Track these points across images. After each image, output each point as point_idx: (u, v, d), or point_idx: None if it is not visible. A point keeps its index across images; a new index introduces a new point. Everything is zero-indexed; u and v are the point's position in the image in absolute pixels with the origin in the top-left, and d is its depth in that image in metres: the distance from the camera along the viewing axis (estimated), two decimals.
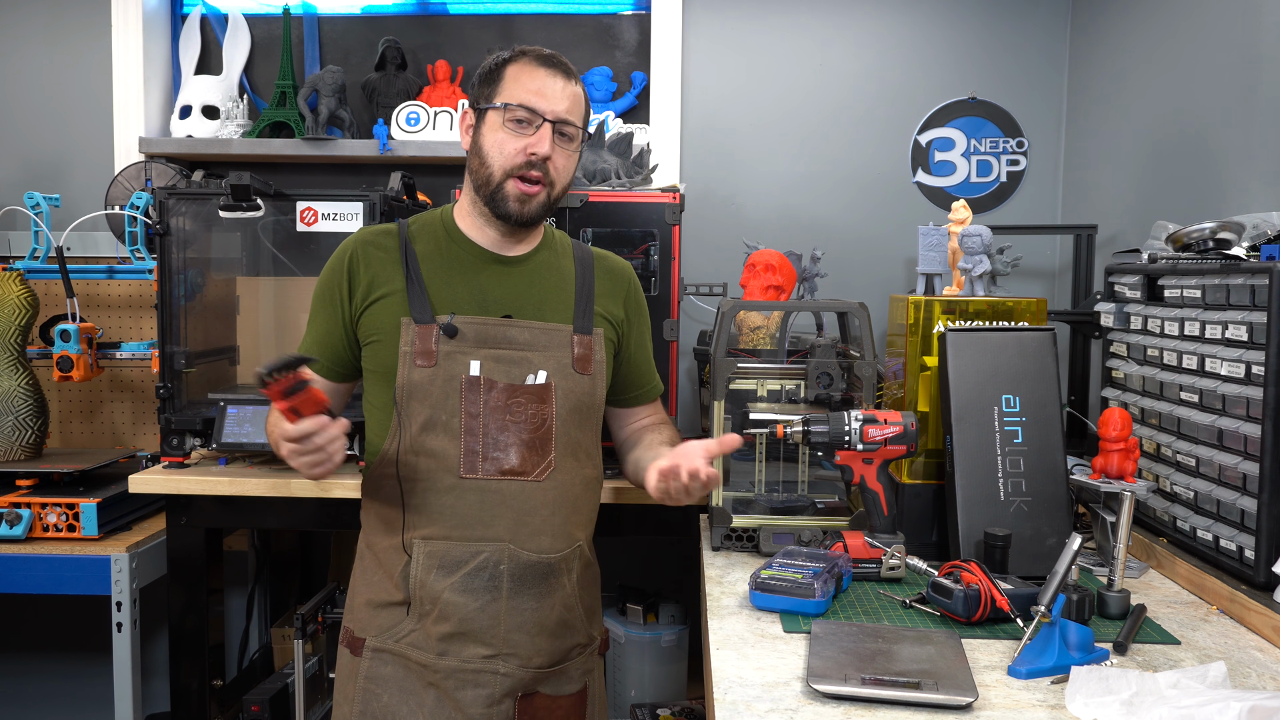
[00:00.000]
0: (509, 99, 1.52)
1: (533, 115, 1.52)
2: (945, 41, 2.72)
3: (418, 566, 1.50)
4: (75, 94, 2.82)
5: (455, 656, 1.49)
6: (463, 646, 1.49)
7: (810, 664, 1.20)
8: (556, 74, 1.55)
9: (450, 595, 1.49)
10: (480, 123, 1.56)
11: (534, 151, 1.51)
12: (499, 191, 1.53)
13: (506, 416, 1.51)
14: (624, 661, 2.45)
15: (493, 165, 1.53)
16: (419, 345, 1.51)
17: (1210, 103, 1.98)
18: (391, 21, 2.89)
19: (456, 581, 1.49)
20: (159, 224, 2.21)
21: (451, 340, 1.51)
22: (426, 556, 1.50)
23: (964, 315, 1.81)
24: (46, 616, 2.90)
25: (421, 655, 1.50)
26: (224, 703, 2.42)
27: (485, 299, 1.57)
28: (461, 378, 1.50)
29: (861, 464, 1.61)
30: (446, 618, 1.49)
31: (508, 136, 1.52)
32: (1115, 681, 1.10)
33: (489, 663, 1.50)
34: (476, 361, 1.51)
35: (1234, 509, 1.49)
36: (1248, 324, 1.45)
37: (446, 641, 1.49)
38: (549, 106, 1.52)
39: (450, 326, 1.51)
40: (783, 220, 2.75)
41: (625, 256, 2.22)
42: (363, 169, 2.79)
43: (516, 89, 1.53)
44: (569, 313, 1.59)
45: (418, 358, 1.50)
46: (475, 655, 1.49)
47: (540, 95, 1.52)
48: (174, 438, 2.21)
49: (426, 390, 1.50)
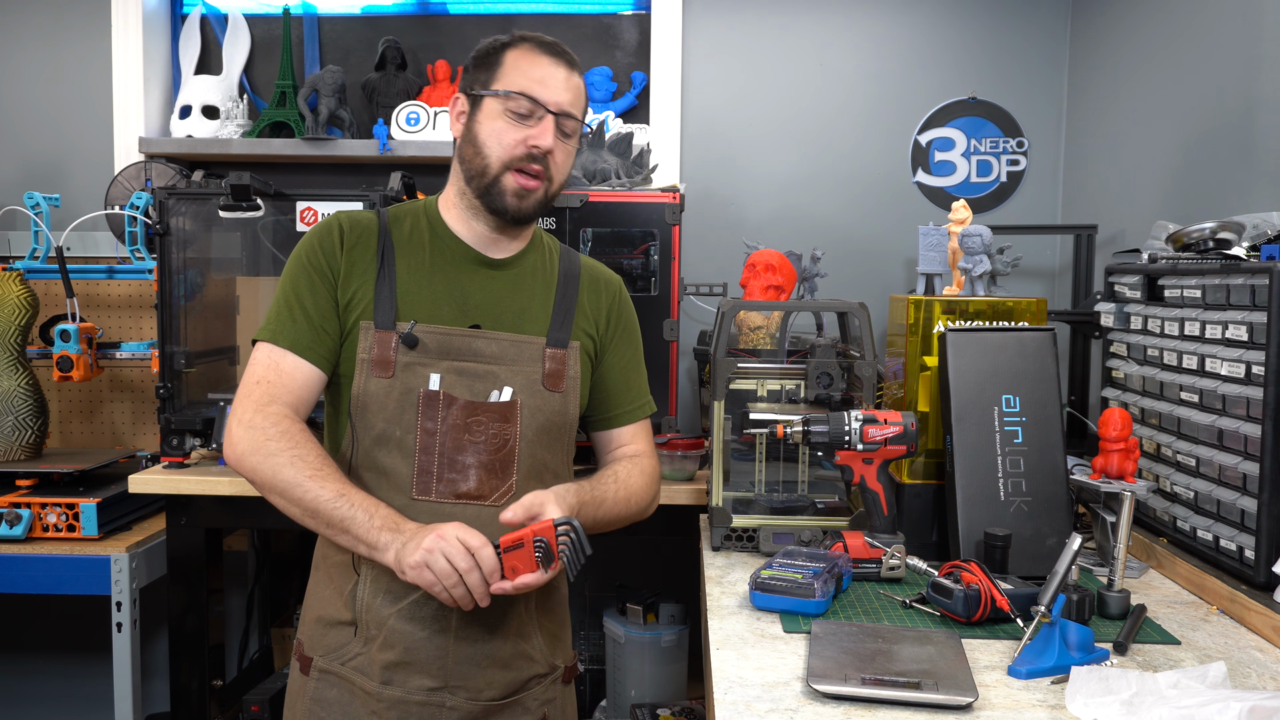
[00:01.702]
0: (510, 86, 1.43)
1: (535, 106, 1.42)
2: (945, 41, 2.72)
3: (365, 589, 1.41)
4: (75, 94, 2.82)
5: (400, 686, 1.40)
6: (408, 677, 1.40)
7: (810, 664, 1.20)
8: (559, 63, 1.46)
9: (396, 622, 1.39)
10: (476, 110, 1.46)
11: (535, 144, 1.42)
12: (495, 185, 1.44)
13: (465, 436, 1.41)
14: (624, 661, 2.45)
15: (490, 156, 1.43)
16: (377, 353, 1.41)
17: (1210, 103, 1.98)
18: (391, 21, 2.89)
19: (404, 608, 1.40)
20: (159, 224, 2.21)
21: (411, 351, 1.41)
22: (374, 579, 1.41)
23: (964, 315, 1.81)
24: (46, 616, 2.90)
25: (366, 682, 1.41)
26: (224, 703, 2.42)
27: (464, 303, 1.47)
28: (420, 391, 1.41)
29: (861, 464, 1.61)
30: (391, 645, 1.40)
31: (507, 126, 1.42)
32: (1115, 681, 1.10)
33: (435, 695, 1.40)
34: (437, 375, 1.41)
35: (1234, 509, 1.49)
36: (1248, 324, 1.45)
37: (391, 670, 1.40)
38: (552, 97, 1.43)
39: (410, 336, 1.41)
40: (783, 220, 2.75)
41: (625, 256, 2.23)
42: (363, 169, 2.79)
43: (518, 76, 1.43)
44: (545, 324, 1.50)
45: (375, 366, 1.41)
46: (420, 687, 1.40)
47: (543, 84, 1.43)
48: (174, 438, 2.21)
49: (382, 403, 1.40)
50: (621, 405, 1.60)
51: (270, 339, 1.42)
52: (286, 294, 1.44)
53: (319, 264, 1.44)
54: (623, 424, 1.60)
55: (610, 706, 2.51)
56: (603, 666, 2.53)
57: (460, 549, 1.26)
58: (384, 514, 1.32)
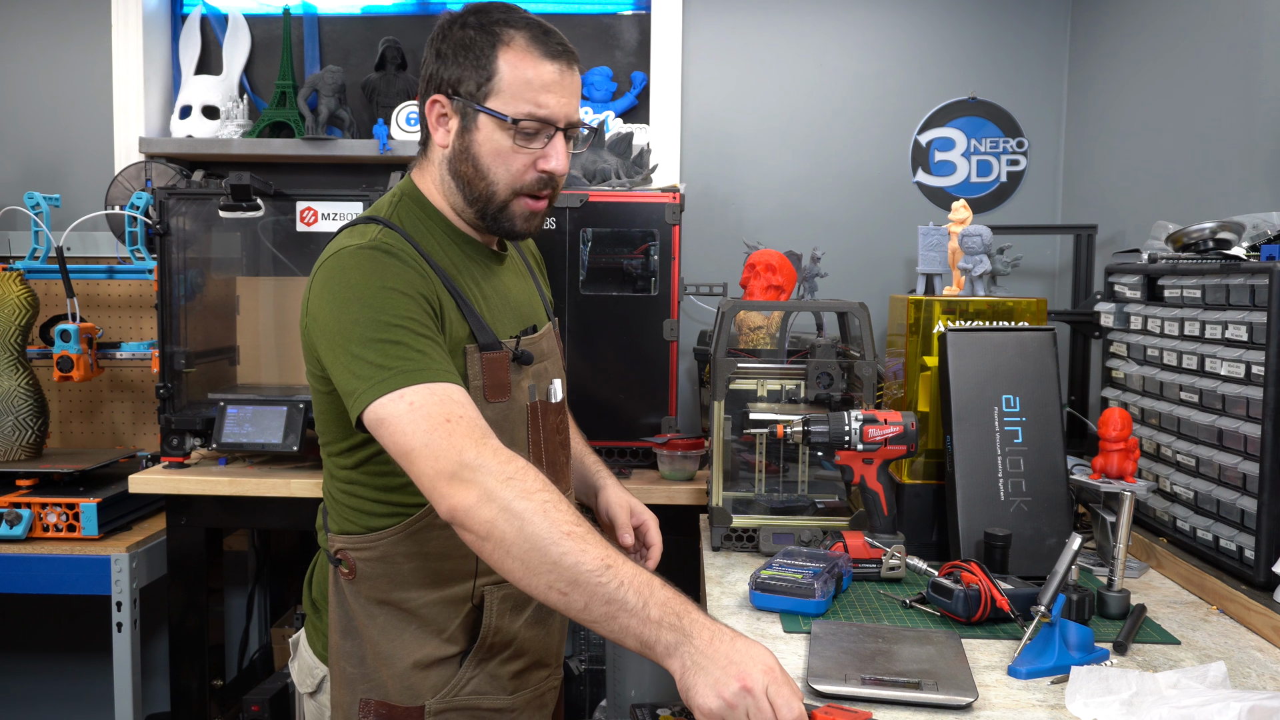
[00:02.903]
0: (515, 108, 1.25)
1: (544, 125, 1.26)
2: (945, 41, 2.72)
3: (492, 614, 1.30)
4: (75, 94, 2.81)
5: (528, 687, 1.38)
6: (532, 675, 1.39)
7: (810, 664, 1.20)
8: (561, 64, 1.27)
9: (525, 632, 1.35)
10: (471, 125, 1.27)
11: (548, 169, 1.28)
12: (503, 211, 1.30)
13: (557, 437, 1.38)
14: (624, 661, 2.45)
15: (496, 183, 1.28)
16: (489, 378, 1.26)
17: (1210, 103, 1.98)
18: (391, 21, 2.89)
19: (529, 616, 1.36)
20: (159, 224, 2.21)
21: (524, 367, 1.30)
22: (501, 601, 1.31)
23: (964, 315, 1.81)
24: (46, 616, 2.90)
25: (493, 700, 1.33)
26: (224, 703, 2.42)
27: (515, 309, 1.37)
28: (526, 407, 1.33)
29: (861, 464, 1.61)
30: (521, 654, 1.36)
31: (514, 150, 1.26)
32: (1115, 681, 1.10)
33: (548, 680, 1.43)
34: (531, 384, 1.33)
35: (1234, 509, 1.49)
36: (1248, 324, 1.45)
37: (519, 677, 1.37)
38: (561, 110, 1.27)
39: (525, 354, 1.30)
40: (783, 220, 2.75)
41: (625, 256, 2.23)
42: (363, 169, 2.79)
43: (523, 90, 1.25)
44: (540, 304, 1.46)
45: (489, 392, 1.27)
46: (541, 679, 1.41)
47: (552, 96, 1.26)
48: (174, 438, 2.21)
49: (500, 428, 1.22)
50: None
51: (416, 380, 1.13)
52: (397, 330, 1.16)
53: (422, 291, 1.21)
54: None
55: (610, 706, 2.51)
56: (603, 666, 2.53)
57: (769, 714, 0.97)
58: (659, 598, 1.04)
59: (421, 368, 1.14)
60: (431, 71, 1.30)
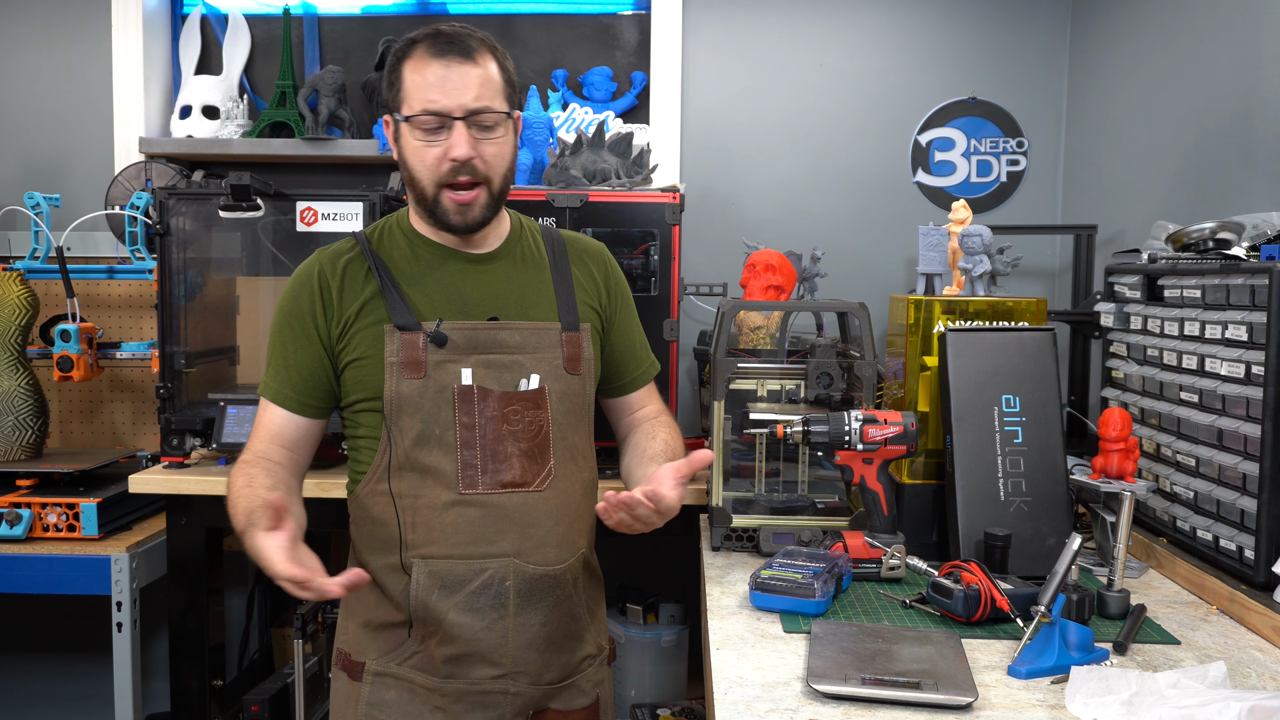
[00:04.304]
0: (412, 108, 1.39)
1: (439, 117, 1.39)
2: (945, 41, 2.72)
3: (418, 587, 1.42)
4: (75, 94, 2.81)
5: (463, 678, 1.43)
6: (470, 667, 1.42)
7: (810, 664, 1.20)
8: (452, 60, 1.38)
9: (455, 616, 1.41)
10: (400, 135, 1.44)
11: (453, 156, 1.39)
12: (437, 205, 1.44)
13: (504, 426, 1.43)
14: (624, 661, 2.45)
15: (421, 179, 1.43)
16: (405, 355, 1.42)
17: (1210, 103, 1.98)
18: (391, 21, 2.89)
19: (460, 601, 1.41)
20: (159, 224, 2.21)
21: (441, 349, 1.42)
22: (428, 576, 1.41)
23: (964, 315, 1.81)
24: (46, 616, 2.90)
25: (426, 679, 1.43)
26: (224, 703, 2.42)
27: (465, 302, 1.48)
28: (453, 388, 1.42)
29: (861, 464, 1.61)
30: (452, 639, 1.42)
31: (423, 145, 1.40)
32: (1115, 681, 1.10)
33: (498, 682, 1.43)
34: (468, 370, 1.43)
35: (1234, 509, 1.49)
36: (1248, 324, 1.45)
37: (453, 664, 1.42)
38: (452, 101, 1.38)
39: (439, 334, 1.42)
40: (783, 220, 2.75)
41: (625, 256, 2.23)
42: (363, 169, 2.79)
43: (415, 91, 1.39)
44: (553, 309, 1.52)
45: (404, 369, 1.42)
46: (484, 676, 1.43)
47: (440, 90, 1.38)
48: (174, 438, 2.21)
49: (417, 403, 1.42)
50: (631, 372, 1.65)
51: (262, 393, 1.51)
52: (272, 349, 1.51)
53: (301, 316, 1.48)
54: (634, 389, 1.65)
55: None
56: None
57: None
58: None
59: (268, 383, 1.49)
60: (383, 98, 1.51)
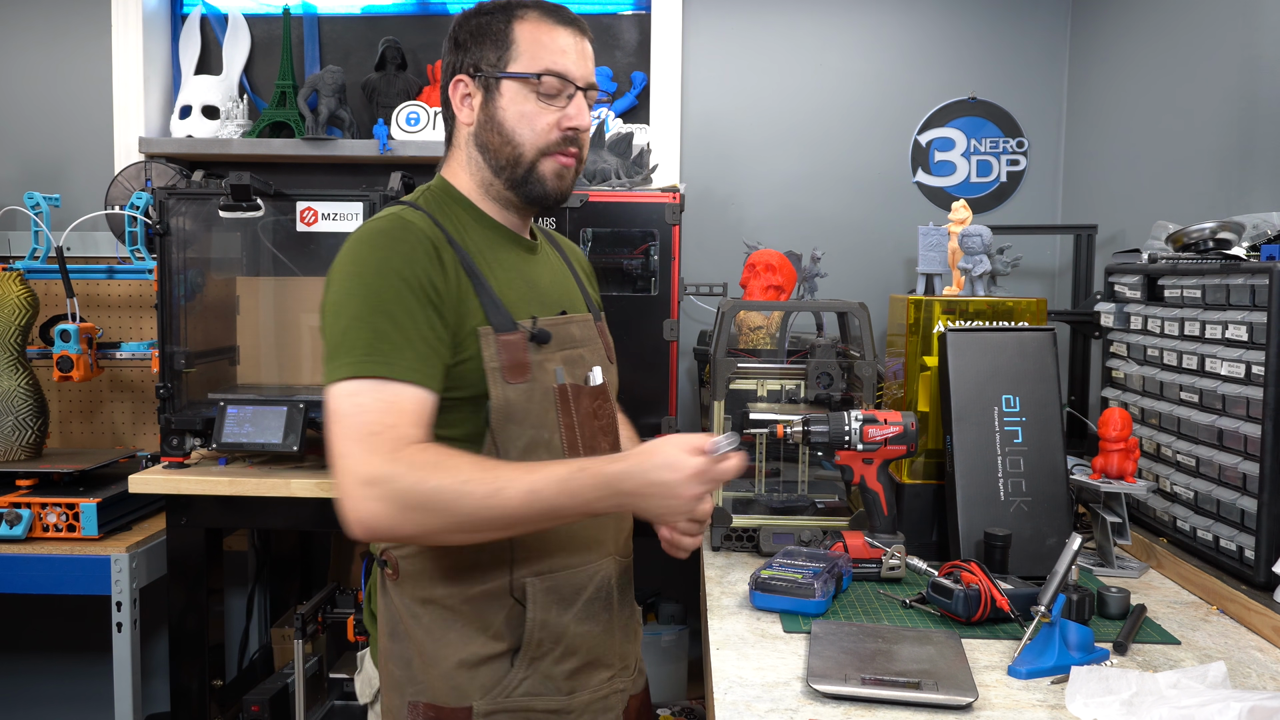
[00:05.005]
0: (534, 66, 1.31)
1: (565, 83, 1.32)
2: (945, 41, 2.72)
3: (536, 606, 1.29)
4: (75, 94, 2.81)
5: (586, 689, 1.34)
6: (591, 675, 1.35)
7: (810, 664, 1.20)
8: (575, 31, 1.35)
9: (575, 627, 1.32)
10: (493, 94, 1.33)
11: (573, 125, 1.33)
12: (533, 173, 1.34)
13: (595, 422, 1.37)
14: None
15: (523, 144, 1.33)
16: (507, 358, 1.27)
17: (1210, 103, 1.98)
18: (391, 21, 2.89)
19: (579, 610, 1.33)
20: (159, 224, 2.21)
21: (542, 348, 1.31)
22: (545, 593, 1.30)
23: (964, 315, 1.81)
24: (46, 616, 2.90)
25: (547, 701, 1.30)
26: (224, 703, 2.42)
27: (539, 293, 1.39)
28: (554, 389, 1.32)
29: (861, 464, 1.61)
30: (573, 652, 1.32)
31: (538, 109, 1.32)
32: (1115, 681, 1.10)
33: (612, 683, 1.38)
34: (560, 368, 1.33)
35: (1234, 509, 1.49)
36: (1248, 324, 1.45)
37: (575, 677, 1.33)
38: (579, 71, 1.33)
39: (543, 333, 1.31)
40: (783, 220, 2.75)
41: (625, 256, 2.23)
42: (363, 169, 2.79)
43: (540, 52, 1.31)
44: (581, 300, 1.49)
45: (508, 373, 1.27)
46: (602, 680, 1.36)
47: (568, 57, 1.33)
48: (174, 438, 2.21)
49: (525, 409, 1.29)
50: None
51: (382, 374, 1.18)
52: (379, 321, 1.19)
53: (423, 283, 1.23)
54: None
55: None
56: None
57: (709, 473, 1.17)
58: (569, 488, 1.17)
59: (389, 361, 1.18)
60: (451, 61, 1.38)
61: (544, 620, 1.29)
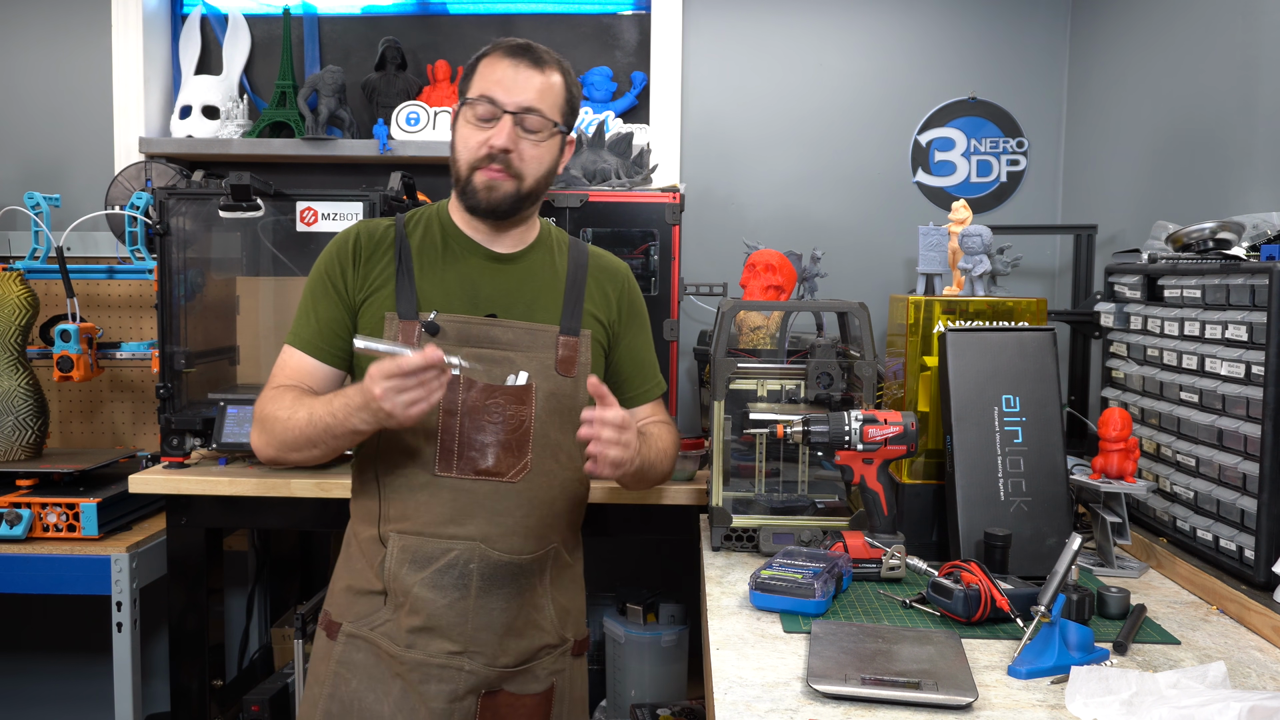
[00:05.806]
0: (472, 93, 1.53)
1: (493, 108, 1.51)
2: (945, 41, 2.72)
3: (391, 559, 1.52)
4: (75, 94, 2.82)
5: (422, 650, 1.50)
6: (429, 641, 1.50)
7: (810, 664, 1.20)
8: (521, 64, 1.53)
9: (420, 590, 1.50)
10: (457, 117, 1.57)
11: (492, 144, 1.51)
12: (468, 184, 1.54)
13: (484, 417, 1.52)
14: (624, 661, 2.45)
15: (460, 159, 1.54)
16: (401, 341, 1.51)
17: (1210, 103, 1.98)
18: (391, 21, 2.89)
19: (427, 577, 1.50)
20: (159, 224, 2.21)
21: (433, 338, 1.51)
22: (400, 550, 1.52)
23: (964, 315, 1.81)
24: (46, 616, 2.90)
25: (391, 646, 1.52)
26: (224, 703, 2.42)
27: (476, 295, 1.57)
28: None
29: (861, 464, 1.61)
30: (416, 611, 1.50)
31: (471, 130, 1.53)
32: (1115, 681, 1.10)
33: (454, 659, 1.51)
34: (458, 358, 1.50)
35: (1234, 509, 1.49)
36: (1248, 324, 1.45)
37: (415, 634, 1.50)
38: (509, 98, 1.51)
39: (432, 325, 1.52)
40: (783, 220, 2.75)
41: (625, 256, 2.23)
42: (363, 169, 2.79)
43: (480, 82, 1.53)
44: (557, 313, 1.59)
45: None
46: (441, 650, 1.50)
47: (500, 86, 1.51)
48: (174, 438, 2.21)
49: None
50: (636, 387, 1.71)
51: (290, 342, 1.59)
52: (304, 302, 1.59)
53: (333, 275, 1.57)
54: (636, 404, 1.71)
55: (610, 706, 2.51)
56: (603, 666, 2.53)
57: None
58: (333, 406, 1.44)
59: (297, 333, 1.58)
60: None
61: (396, 573, 1.52)
